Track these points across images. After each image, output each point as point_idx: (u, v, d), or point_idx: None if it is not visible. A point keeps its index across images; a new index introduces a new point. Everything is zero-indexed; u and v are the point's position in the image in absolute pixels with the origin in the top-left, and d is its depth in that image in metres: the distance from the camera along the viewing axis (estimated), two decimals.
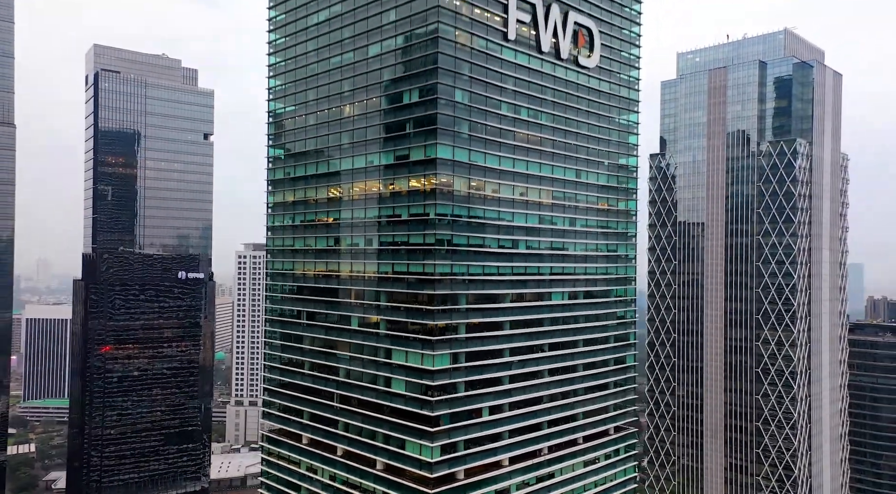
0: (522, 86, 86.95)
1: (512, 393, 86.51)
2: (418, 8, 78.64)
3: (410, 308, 80.00)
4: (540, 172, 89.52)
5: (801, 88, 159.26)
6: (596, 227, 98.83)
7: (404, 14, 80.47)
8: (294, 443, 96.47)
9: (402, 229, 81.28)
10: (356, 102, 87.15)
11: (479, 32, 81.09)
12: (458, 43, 78.48)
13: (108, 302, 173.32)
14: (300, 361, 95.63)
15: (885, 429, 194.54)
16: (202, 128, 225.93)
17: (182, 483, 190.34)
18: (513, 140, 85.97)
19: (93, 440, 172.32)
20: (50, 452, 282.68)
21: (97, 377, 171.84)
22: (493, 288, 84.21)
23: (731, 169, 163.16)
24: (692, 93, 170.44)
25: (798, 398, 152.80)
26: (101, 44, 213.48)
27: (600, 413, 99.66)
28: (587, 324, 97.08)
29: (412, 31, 79.84)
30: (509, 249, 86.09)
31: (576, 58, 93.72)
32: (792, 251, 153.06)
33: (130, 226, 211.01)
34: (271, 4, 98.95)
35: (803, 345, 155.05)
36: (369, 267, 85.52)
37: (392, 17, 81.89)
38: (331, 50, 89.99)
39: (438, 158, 76.72)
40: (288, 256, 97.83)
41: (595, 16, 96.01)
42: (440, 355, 77.53)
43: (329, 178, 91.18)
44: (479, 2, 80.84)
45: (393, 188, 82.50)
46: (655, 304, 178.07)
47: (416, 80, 79.34)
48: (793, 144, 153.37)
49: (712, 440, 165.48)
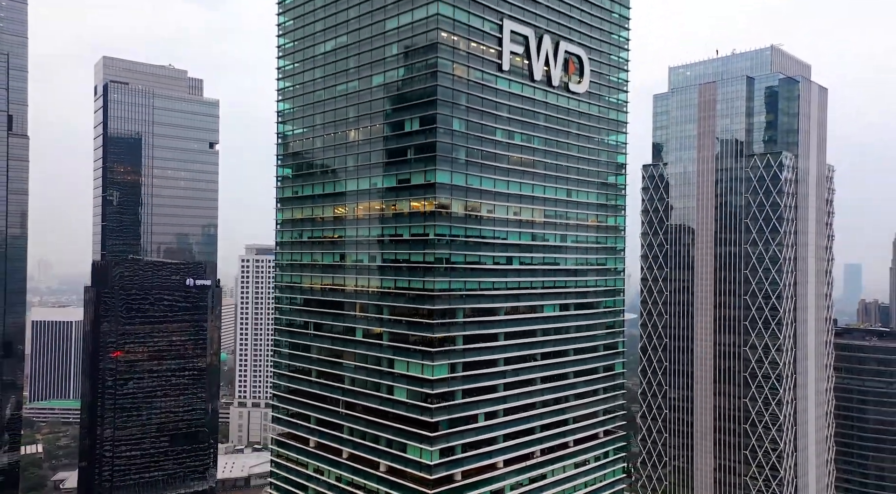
0: (516, 113, 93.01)
1: (506, 400, 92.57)
2: (419, 43, 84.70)
3: (411, 321, 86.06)
4: (532, 193, 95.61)
5: (787, 102, 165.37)
6: (586, 242, 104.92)
7: (406, 48, 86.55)
8: (302, 446, 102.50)
9: (403, 247, 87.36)
10: (361, 127, 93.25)
11: (475, 65, 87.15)
12: (455, 76, 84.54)
13: (119, 309, 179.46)
14: (307, 369, 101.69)
15: (871, 431, 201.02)
16: (208, 137, 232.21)
17: (189, 483, 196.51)
18: (507, 163, 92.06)
19: (104, 441, 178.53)
20: (57, 452, 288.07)
21: (108, 380, 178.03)
22: (488, 302, 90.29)
23: (721, 180, 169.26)
24: (683, 106, 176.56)
25: (784, 402, 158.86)
26: (110, 55, 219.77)
27: (590, 418, 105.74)
28: (577, 334, 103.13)
29: (413, 64, 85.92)
30: (504, 265, 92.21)
31: (566, 84, 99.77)
32: (778, 260, 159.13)
33: (137, 233, 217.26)
34: (281, 32, 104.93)
35: (789, 350, 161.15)
36: (373, 282, 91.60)
37: (394, 51, 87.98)
38: (337, 78, 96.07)
39: (437, 183, 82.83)
40: (296, 270, 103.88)
41: (585, 44, 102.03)
42: (439, 365, 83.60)
43: (335, 198, 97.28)
44: (475, 37, 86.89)
45: (395, 209, 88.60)
46: (648, 310, 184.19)
47: (416, 109, 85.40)
48: (779, 157, 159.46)
49: (702, 441, 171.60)
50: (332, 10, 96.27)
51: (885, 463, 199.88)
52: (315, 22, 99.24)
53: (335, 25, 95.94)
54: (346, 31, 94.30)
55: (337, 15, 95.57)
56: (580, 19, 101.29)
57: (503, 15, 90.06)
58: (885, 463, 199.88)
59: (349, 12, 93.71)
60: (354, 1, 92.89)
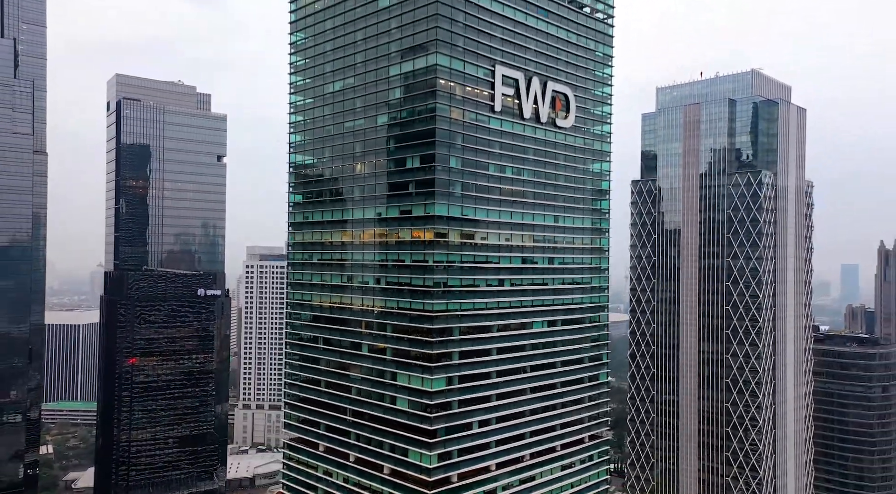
0: (507, 148, 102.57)
1: (498, 408, 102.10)
2: (419, 89, 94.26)
3: (412, 339, 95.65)
4: (522, 220, 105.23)
5: (766, 123, 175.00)
6: (572, 263, 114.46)
7: (408, 93, 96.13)
8: (312, 450, 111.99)
9: (405, 272, 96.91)
10: (366, 161, 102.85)
11: (469, 108, 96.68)
12: (452, 118, 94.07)
13: (135, 318, 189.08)
14: (317, 379, 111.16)
15: (852, 432, 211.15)
16: (216, 150, 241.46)
17: (199, 482, 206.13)
18: (499, 194, 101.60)
19: (120, 443, 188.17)
20: (67, 453, 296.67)
21: (125, 386, 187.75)
22: (482, 321, 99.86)
23: (705, 196, 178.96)
24: (669, 126, 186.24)
25: (763, 406, 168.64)
26: (123, 73, 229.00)
27: (576, 424, 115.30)
28: (564, 347, 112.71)
29: (414, 107, 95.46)
30: (496, 287, 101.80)
31: (554, 120, 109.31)
32: (758, 273, 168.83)
33: (148, 242, 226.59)
34: (293, 71, 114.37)
35: (768, 358, 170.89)
36: (377, 302, 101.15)
37: (397, 95, 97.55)
38: (345, 116, 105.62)
39: (436, 215, 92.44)
40: (307, 288, 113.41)
41: (571, 82, 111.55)
42: (437, 378, 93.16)
43: (342, 224, 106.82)
44: (469, 82, 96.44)
45: (397, 237, 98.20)
46: (637, 318, 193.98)
47: (417, 148, 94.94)
48: (758, 175, 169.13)
49: (687, 443, 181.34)
50: (340, 54, 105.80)
51: (864, 464, 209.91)
52: (325, 63, 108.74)
53: (343, 68, 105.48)
54: (354, 74, 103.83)
55: (345, 58, 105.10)
56: (566, 60, 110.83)
57: (495, 61, 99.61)
58: (864, 464, 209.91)
59: (356, 57, 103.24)
60: (361, 47, 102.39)
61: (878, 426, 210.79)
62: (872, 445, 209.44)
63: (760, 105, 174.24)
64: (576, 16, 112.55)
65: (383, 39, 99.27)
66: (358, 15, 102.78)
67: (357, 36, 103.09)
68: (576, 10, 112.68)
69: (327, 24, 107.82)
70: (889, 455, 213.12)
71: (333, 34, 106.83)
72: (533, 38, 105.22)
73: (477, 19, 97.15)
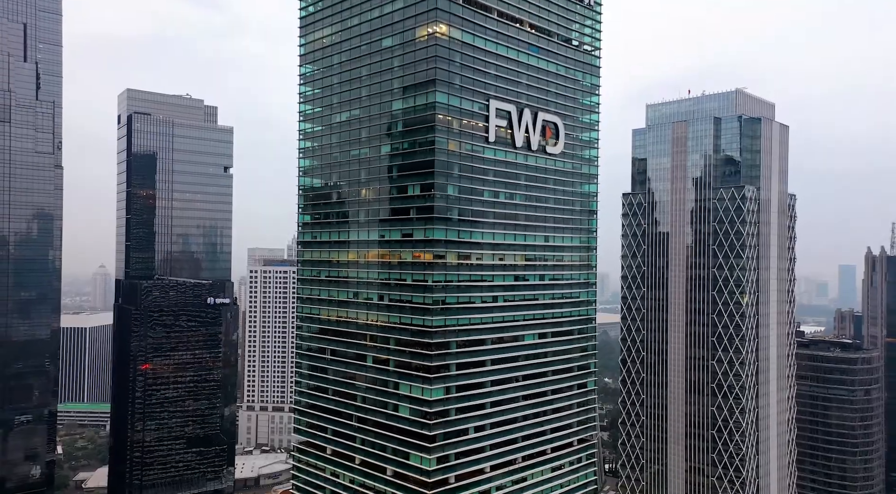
0: (500, 175, 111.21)
1: (493, 415, 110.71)
2: (419, 123, 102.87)
3: (413, 351, 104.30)
4: (515, 241, 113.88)
5: (749, 140, 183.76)
6: (562, 279, 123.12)
7: (409, 126, 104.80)
8: (320, 453, 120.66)
9: (406, 290, 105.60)
10: (371, 187, 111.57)
11: (466, 140, 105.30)
12: (449, 150, 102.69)
13: (147, 325, 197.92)
14: (325, 387, 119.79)
15: (835, 434, 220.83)
16: (223, 161, 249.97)
17: (208, 482, 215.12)
18: (493, 218, 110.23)
19: (134, 444, 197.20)
20: (76, 454, 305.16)
21: (139, 391, 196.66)
22: (477, 335, 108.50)
23: (692, 209, 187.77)
24: (658, 141, 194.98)
25: (746, 410, 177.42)
26: (134, 88, 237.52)
27: (565, 429, 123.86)
28: (554, 358, 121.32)
29: (415, 139, 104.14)
30: (490, 303, 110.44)
31: (544, 147, 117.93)
32: (741, 283, 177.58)
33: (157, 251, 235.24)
34: (302, 100, 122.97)
35: (751, 364, 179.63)
36: (381, 317, 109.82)
37: (399, 127, 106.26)
38: (350, 144, 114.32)
39: (435, 239, 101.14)
40: (315, 303, 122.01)
41: (560, 112, 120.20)
42: (436, 388, 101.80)
43: (348, 244, 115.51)
44: (465, 116, 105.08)
45: (399, 258, 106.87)
46: (627, 325, 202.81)
47: (417, 177, 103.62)
48: (742, 190, 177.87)
49: (675, 445, 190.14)
50: (346, 88, 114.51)
51: (847, 464, 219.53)
52: (332, 95, 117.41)
53: (350, 100, 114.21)
54: (359, 106, 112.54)
55: (351, 92, 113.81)
56: (556, 92, 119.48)
57: (489, 96, 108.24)
58: (847, 464, 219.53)
59: (361, 91, 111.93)
60: (366, 82, 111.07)
61: (861, 427, 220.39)
62: (855, 446, 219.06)
63: (744, 123, 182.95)
64: (564, 50, 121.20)
65: (386, 76, 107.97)
66: (363, 52, 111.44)
67: (362, 72, 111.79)
68: (565, 45, 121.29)
69: (335, 58, 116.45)
70: (870, 456, 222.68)
71: (340, 68, 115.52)
72: (524, 73, 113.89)
73: (472, 58, 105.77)
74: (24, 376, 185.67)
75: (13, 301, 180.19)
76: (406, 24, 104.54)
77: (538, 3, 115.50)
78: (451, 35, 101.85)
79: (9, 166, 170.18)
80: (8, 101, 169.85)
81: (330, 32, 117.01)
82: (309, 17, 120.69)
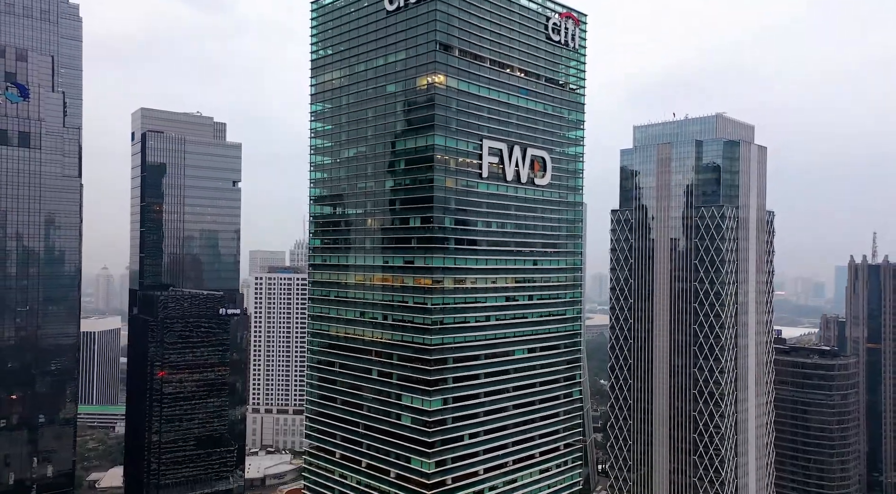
0: (492, 206, 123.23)
1: (486, 423, 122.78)
2: (420, 162, 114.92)
3: (414, 366, 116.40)
4: (506, 266, 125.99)
5: (729, 161, 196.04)
6: (549, 299, 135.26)
7: (410, 164, 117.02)
8: (329, 457, 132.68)
9: (408, 311, 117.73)
10: (376, 217, 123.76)
11: (461, 176, 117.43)
12: (447, 186, 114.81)
13: (164, 334, 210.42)
14: (334, 397, 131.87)
15: (814, 436, 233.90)
16: (231, 176, 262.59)
17: (218, 482, 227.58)
18: (486, 245, 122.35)
19: (151, 446, 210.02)
20: (88, 454, 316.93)
21: (155, 396, 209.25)
22: (472, 351, 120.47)
23: (675, 226, 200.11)
24: (644, 161, 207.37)
25: (726, 415, 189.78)
26: (148, 107, 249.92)
27: (552, 435, 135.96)
28: (542, 370, 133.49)
29: (416, 176, 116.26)
30: (484, 322, 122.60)
31: (532, 179, 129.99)
32: (721, 296, 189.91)
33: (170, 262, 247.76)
34: (313, 135, 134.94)
35: (730, 371, 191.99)
36: (385, 335, 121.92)
37: (402, 165, 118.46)
38: (357, 178, 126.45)
39: (434, 267, 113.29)
40: (325, 320, 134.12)
41: (547, 147, 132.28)
42: (435, 399, 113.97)
43: (355, 268, 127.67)
44: (461, 155, 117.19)
45: (402, 283, 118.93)
46: (615, 334, 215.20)
47: (417, 211, 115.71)
48: (721, 209, 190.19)
49: (660, 448, 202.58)
50: (354, 127, 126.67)
51: (825, 465, 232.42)
52: (341, 132, 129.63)
53: (356, 138, 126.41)
54: (365, 144, 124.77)
55: (358, 131, 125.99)
56: (543, 129, 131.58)
57: (482, 136, 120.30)
58: (825, 465, 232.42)
59: (367, 130, 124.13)
60: (371, 123, 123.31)
61: (838, 430, 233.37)
62: (832, 447, 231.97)
63: (724, 146, 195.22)
64: (551, 89, 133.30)
65: (390, 118, 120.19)
66: (369, 96, 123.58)
67: (368, 113, 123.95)
68: (551, 85, 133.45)
69: (343, 99, 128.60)
70: (847, 456, 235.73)
71: (348, 109, 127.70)
72: (514, 114, 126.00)
73: (467, 103, 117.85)
74: (50, 379, 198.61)
75: (41, 310, 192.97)
76: (408, 73, 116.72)
77: (527, 50, 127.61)
78: (447, 84, 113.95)
79: (38, 190, 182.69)
80: (39, 129, 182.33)
81: (339, 75, 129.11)
82: (320, 59, 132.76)
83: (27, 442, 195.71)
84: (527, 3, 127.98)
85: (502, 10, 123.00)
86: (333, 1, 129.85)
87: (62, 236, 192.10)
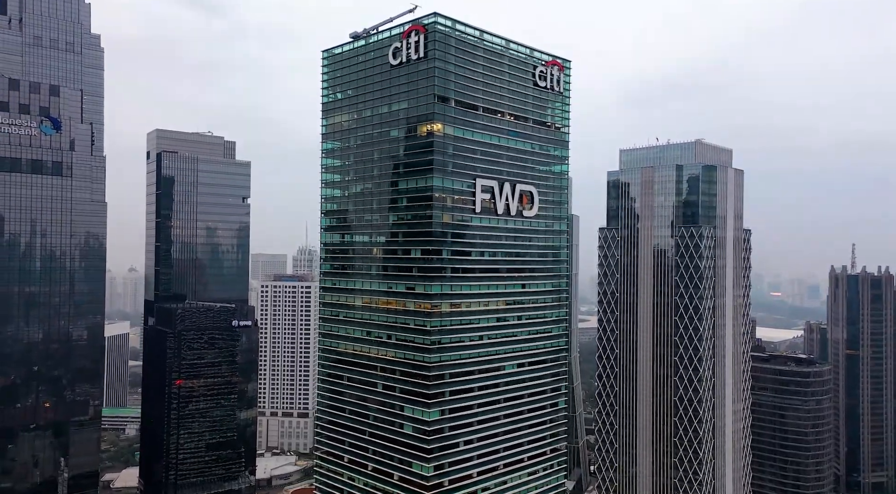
0: (485, 237, 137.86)
1: (479, 431, 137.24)
2: (419, 200, 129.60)
3: (415, 381, 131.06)
4: (497, 290, 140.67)
5: (707, 185, 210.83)
6: (536, 318, 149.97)
7: (411, 202, 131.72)
8: (338, 461, 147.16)
9: (409, 333, 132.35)
10: (381, 247, 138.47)
11: (457, 212, 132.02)
12: (444, 222, 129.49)
13: (180, 345, 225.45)
14: (342, 407, 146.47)
15: (791, 439, 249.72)
16: (241, 192, 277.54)
17: (230, 482, 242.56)
18: (479, 273, 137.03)
19: (169, 449, 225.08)
20: (101, 455, 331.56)
21: (173, 402, 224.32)
22: (466, 367, 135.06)
23: (657, 245, 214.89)
24: (629, 184, 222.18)
25: (704, 420, 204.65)
26: (162, 128, 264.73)
27: (539, 440, 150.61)
28: (530, 383, 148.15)
29: (416, 213, 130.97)
30: (477, 341, 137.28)
31: (521, 212, 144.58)
32: (699, 310, 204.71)
33: (184, 274, 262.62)
34: (324, 170, 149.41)
35: (708, 380, 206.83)
36: (389, 353, 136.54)
37: (404, 202, 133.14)
38: (364, 212, 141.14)
39: (432, 293, 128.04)
40: (334, 338, 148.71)
41: (535, 183, 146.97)
42: (433, 411, 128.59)
43: (361, 292, 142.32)
44: (457, 193, 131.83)
45: (404, 307, 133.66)
46: (603, 345, 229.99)
47: (418, 243, 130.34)
48: (699, 229, 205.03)
49: (643, 451, 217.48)
50: (360, 166, 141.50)
51: (801, 467, 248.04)
52: (349, 169, 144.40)
53: (363, 176, 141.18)
54: (371, 182, 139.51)
55: (364, 169, 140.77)
56: (532, 166, 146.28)
57: (476, 175, 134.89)
58: (801, 467, 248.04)
59: (373, 170, 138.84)
60: (377, 163, 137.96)
61: (813, 433, 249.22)
62: (807, 450, 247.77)
63: (702, 170, 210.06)
64: (538, 129, 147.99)
65: (393, 160, 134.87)
66: (375, 139, 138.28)
67: (374, 154, 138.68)
68: (538, 126, 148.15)
69: (351, 140, 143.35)
70: (821, 459, 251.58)
71: (356, 149, 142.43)
72: (505, 154, 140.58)
73: (462, 147, 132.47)
74: (78, 380, 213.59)
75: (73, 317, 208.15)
76: (409, 120, 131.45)
77: (516, 96, 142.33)
78: (445, 131, 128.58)
79: (70, 214, 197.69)
80: (71, 160, 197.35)
81: (348, 118, 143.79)
82: (330, 103, 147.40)
83: (54, 443, 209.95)
84: (516, 54, 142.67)
85: (494, 63, 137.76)
86: (343, 51, 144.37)
87: (90, 254, 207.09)
